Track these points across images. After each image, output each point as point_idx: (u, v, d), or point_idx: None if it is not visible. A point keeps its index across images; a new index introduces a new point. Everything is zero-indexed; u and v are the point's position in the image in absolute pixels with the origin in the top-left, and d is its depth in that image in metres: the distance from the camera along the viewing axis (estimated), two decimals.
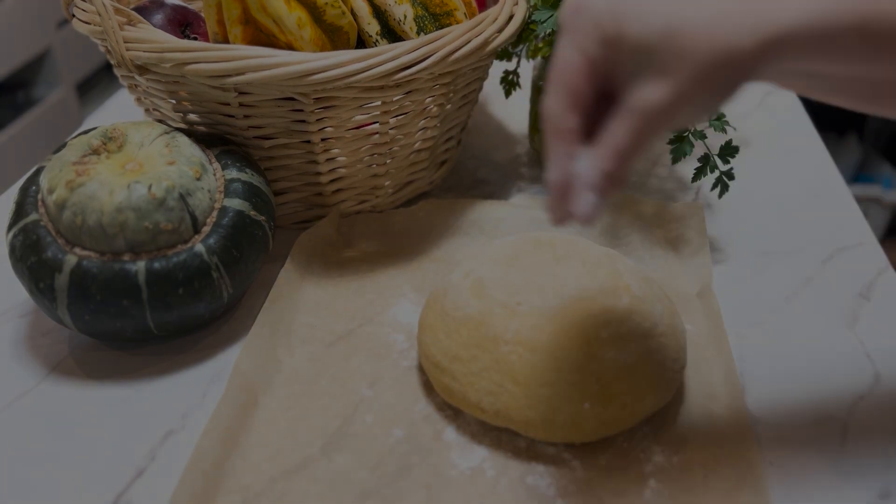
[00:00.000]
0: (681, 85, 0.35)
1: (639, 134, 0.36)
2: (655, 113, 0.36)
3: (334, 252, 0.67)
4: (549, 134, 0.38)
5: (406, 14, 0.63)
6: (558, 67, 0.38)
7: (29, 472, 0.49)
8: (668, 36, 0.35)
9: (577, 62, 0.37)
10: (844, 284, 0.63)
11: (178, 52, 0.56)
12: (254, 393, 0.53)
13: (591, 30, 0.37)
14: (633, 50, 0.36)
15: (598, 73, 0.37)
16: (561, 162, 0.37)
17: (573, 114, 0.37)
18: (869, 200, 1.87)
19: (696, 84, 0.35)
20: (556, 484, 0.47)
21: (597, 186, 0.37)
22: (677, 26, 0.35)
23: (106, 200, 0.52)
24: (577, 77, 0.37)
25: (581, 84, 0.37)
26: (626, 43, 0.36)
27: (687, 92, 0.35)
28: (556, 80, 0.38)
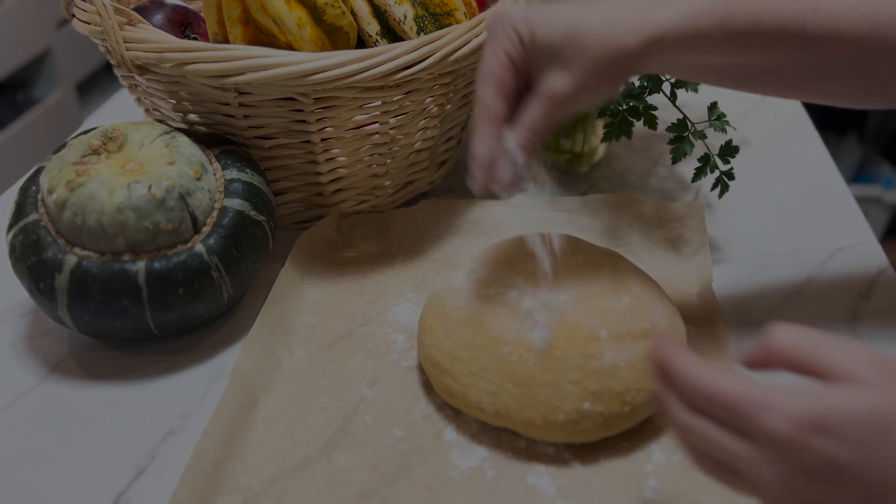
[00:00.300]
0: (580, 76, 0.45)
1: (547, 114, 0.46)
2: (560, 98, 0.45)
3: (334, 252, 0.67)
4: (481, 117, 0.46)
5: (406, 14, 0.63)
6: (486, 64, 0.46)
7: (29, 472, 0.49)
8: (570, 37, 0.44)
9: (502, 59, 0.46)
10: (844, 284, 0.63)
11: (178, 52, 0.56)
12: (254, 393, 0.53)
13: (510, 33, 0.46)
14: (543, 48, 0.45)
15: (517, 69, 0.46)
16: (489, 140, 0.46)
17: (500, 100, 0.46)
18: (869, 200, 1.87)
19: (592, 76, 0.45)
20: (556, 484, 0.47)
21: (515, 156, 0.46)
22: (576, 30, 0.44)
23: (106, 200, 0.52)
24: (501, 70, 0.46)
25: (506, 76, 0.46)
26: (537, 43, 0.45)
27: (585, 82, 0.45)
28: (486, 74, 0.46)
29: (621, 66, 0.45)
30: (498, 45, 0.46)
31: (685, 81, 0.65)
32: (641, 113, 0.67)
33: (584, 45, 0.44)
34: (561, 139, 0.77)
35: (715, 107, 0.65)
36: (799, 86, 0.51)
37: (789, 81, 0.50)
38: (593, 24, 0.44)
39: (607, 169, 0.80)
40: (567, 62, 0.44)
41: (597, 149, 0.79)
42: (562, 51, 0.44)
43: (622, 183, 0.78)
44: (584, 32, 0.44)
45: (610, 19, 0.44)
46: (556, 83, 0.45)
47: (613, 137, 0.68)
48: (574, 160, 0.78)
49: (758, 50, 0.47)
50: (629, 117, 0.67)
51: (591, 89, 0.45)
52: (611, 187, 0.77)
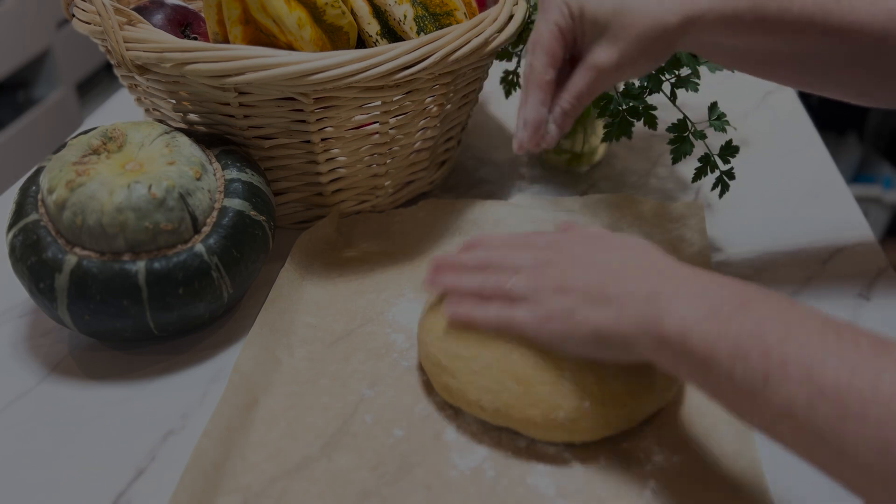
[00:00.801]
0: (624, 49, 0.49)
1: (592, 83, 0.50)
2: (605, 68, 0.49)
3: (334, 252, 0.67)
4: (531, 85, 0.50)
5: (406, 14, 0.63)
6: (539, 35, 0.50)
7: (29, 472, 0.49)
8: (616, 13, 0.48)
9: (553, 31, 0.50)
10: (844, 284, 0.63)
11: (178, 52, 0.56)
12: (254, 393, 0.53)
13: (562, 7, 0.49)
14: (591, 22, 0.49)
15: (567, 40, 0.50)
16: (538, 106, 0.50)
17: (550, 68, 0.50)
18: (869, 200, 1.87)
19: (636, 49, 0.49)
20: (557, 484, 0.47)
21: (557, 120, 0.51)
22: (623, 6, 0.48)
23: (106, 200, 0.52)
24: (552, 42, 0.50)
25: (556, 47, 0.50)
26: (586, 17, 0.49)
27: (629, 55, 0.49)
28: (538, 44, 0.50)
29: (663, 42, 0.49)
30: (550, 17, 0.49)
31: (685, 81, 0.65)
32: (641, 113, 0.67)
33: (630, 20, 0.48)
34: (561, 139, 0.77)
35: (715, 107, 0.65)
36: (817, 73, 0.55)
37: (810, 68, 0.54)
38: (638, 1, 0.48)
39: (607, 169, 0.80)
40: (613, 36, 0.48)
41: (597, 149, 0.79)
42: (608, 25, 0.48)
43: (622, 183, 0.78)
44: (629, 9, 0.48)
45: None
46: (602, 55, 0.49)
47: (613, 137, 0.68)
48: (574, 160, 0.78)
49: (785, 36, 0.50)
50: (629, 117, 0.67)
51: (634, 62, 0.49)
52: (611, 187, 0.77)
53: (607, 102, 0.66)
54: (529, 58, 0.50)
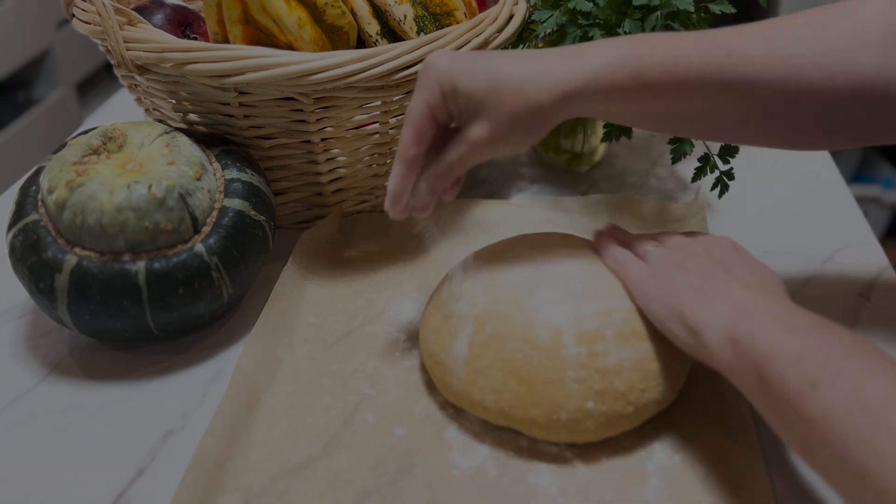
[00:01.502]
0: (497, 127, 0.48)
1: (465, 157, 0.49)
2: (478, 144, 0.48)
3: (336, 251, 0.67)
4: (397, 157, 0.50)
5: (406, 14, 0.63)
6: (410, 111, 0.49)
7: (29, 472, 0.49)
8: (489, 92, 0.47)
9: (422, 109, 0.49)
10: (844, 284, 0.63)
11: (178, 52, 0.56)
12: (255, 392, 0.53)
13: (433, 85, 0.48)
14: (465, 99, 0.48)
15: (438, 117, 0.49)
16: (399, 178, 0.50)
17: (417, 147, 0.49)
18: (869, 200, 1.87)
19: (509, 127, 0.48)
20: (558, 483, 0.47)
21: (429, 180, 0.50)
22: (497, 86, 0.47)
23: (106, 200, 0.52)
24: (421, 119, 0.49)
25: (424, 124, 0.49)
26: (459, 94, 0.48)
27: (502, 132, 0.48)
28: (408, 120, 0.49)
29: (538, 119, 0.48)
30: (421, 96, 0.49)
31: None
32: None
33: (503, 99, 0.47)
34: (561, 139, 0.77)
35: None
36: (722, 129, 0.53)
37: (712, 126, 0.53)
38: (512, 81, 0.47)
39: (607, 169, 0.80)
40: (487, 113, 0.47)
41: (597, 149, 0.79)
42: (483, 104, 0.47)
43: (622, 183, 0.78)
44: (503, 89, 0.47)
45: (528, 76, 0.47)
46: (475, 131, 0.48)
47: (613, 137, 0.68)
48: (574, 160, 0.78)
49: (675, 98, 0.49)
50: None
51: (508, 138, 0.48)
52: (611, 187, 0.77)
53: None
54: (402, 131, 0.50)
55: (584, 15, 0.65)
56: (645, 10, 0.63)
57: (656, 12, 0.62)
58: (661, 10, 0.62)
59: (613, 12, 0.63)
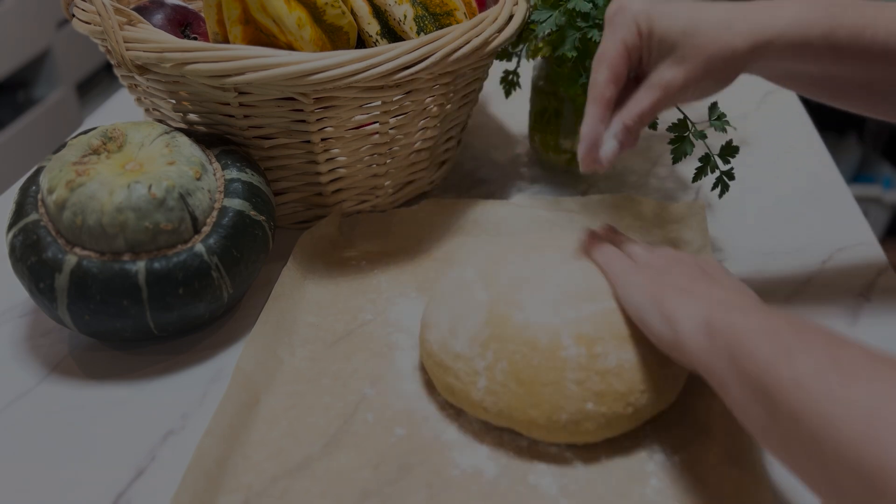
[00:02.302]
0: (691, 71, 0.48)
1: (656, 103, 0.49)
2: (671, 88, 0.48)
3: (336, 251, 0.67)
4: (591, 100, 0.50)
5: (406, 14, 0.63)
6: (605, 51, 0.49)
7: (29, 472, 0.49)
8: (686, 34, 0.48)
9: (619, 48, 0.49)
10: (844, 284, 0.63)
11: (178, 52, 0.56)
12: (256, 392, 0.53)
13: (630, 24, 0.49)
14: (660, 41, 0.48)
15: (632, 58, 0.49)
16: (595, 121, 0.50)
17: (612, 86, 0.49)
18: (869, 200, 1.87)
19: (703, 71, 0.48)
20: (558, 483, 0.47)
21: (618, 136, 0.50)
22: (693, 28, 0.48)
23: (106, 200, 0.52)
24: (618, 59, 0.49)
25: (620, 64, 0.49)
26: (655, 36, 0.48)
27: (695, 76, 0.48)
28: (602, 60, 0.49)
29: (730, 66, 0.48)
30: (618, 35, 0.49)
31: None
32: None
33: (699, 42, 0.47)
34: (561, 139, 0.77)
35: (715, 107, 0.65)
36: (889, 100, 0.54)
37: (881, 95, 0.53)
38: (709, 24, 0.48)
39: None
40: (681, 57, 0.48)
41: None
42: (677, 46, 0.48)
43: (622, 183, 0.78)
44: (699, 31, 0.48)
45: (724, 21, 0.48)
46: (668, 75, 0.49)
47: None
48: (574, 160, 0.78)
49: (856, 64, 0.49)
50: None
51: (699, 83, 0.49)
52: (611, 187, 0.77)
53: None
54: (593, 73, 0.50)
55: (583, 16, 0.65)
56: None
57: None
58: None
59: None
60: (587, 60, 0.66)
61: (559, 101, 0.75)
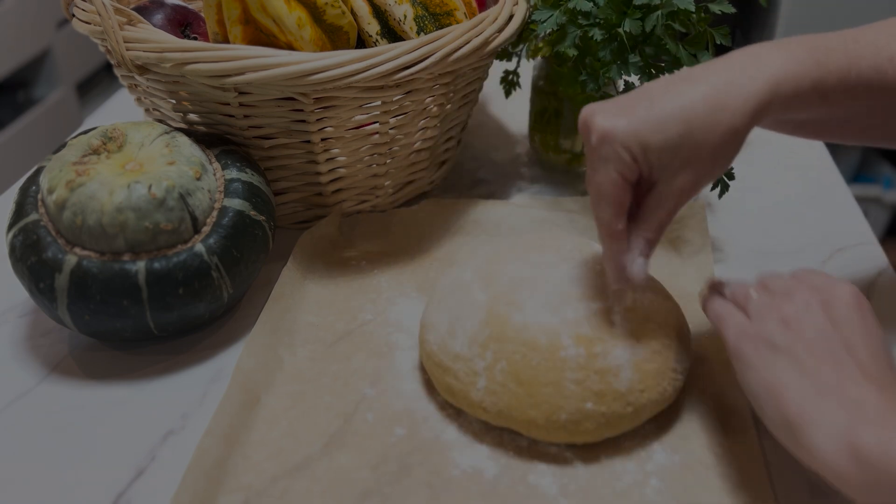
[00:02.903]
0: (701, 167, 0.46)
1: (674, 210, 0.48)
2: (686, 194, 0.47)
3: (336, 251, 0.67)
4: (606, 238, 0.48)
5: (406, 14, 0.63)
6: (601, 186, 0.47)
7: (29, 472, 0.49)
8: (684, 136, 0.45)
9: (615, 180, 0.46)
10: None
11: (178, 52, 0.56)
12: (255, 392, 0.53)
13: (621, 153, 0.46)
14: (659, 153, 0.45)
15: (630, 185, 0.47)
16: (616, 255, 0.48)
17: (620, 219, 0.47)
18: (869, 200, 1.87)
19: (713, 161, 0.46)
20: (558, 483, 0.47)
21: (644, 252, 0.48)
22: (688, 128, 0.45)
23: (106, 200, 0.52)
24: (617, 192, 0.47)
25: (621, 196, 0.47)
26: (651, 151, 0.45)
27: (707, 170, 0.46)
28: (602, 196, 0.47)
29: (735, 143, 0.46)
30: (612, 168, 0.46)
31: None
32: None
33: (699, 139, 0.45)
34: (561, 139, 0.77)
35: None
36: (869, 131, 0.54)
37: (862, 127, 0.54)
38: (700, 116, 0.45)
39: None
40: (686, 160, 0.46)
41: None
42: (678, 151, 0.45)
43: None
44: (695, 128, 0.45)
45: (713, 103, 0.45)
46: (679, 182, 0.46)
47: None
48: (574, 160, 0.78)
49: (842, 104, 0.48)
50: None
51: (712, 173, 0.47)
52: None
53: None
54: (596, 210, 0.48)
55: (584, 15, 0.65)
56: (645, 10, 0.63)
57: (656, 12, 0.62)
58: (661, 10, 0.63)
59: (613, 12, 0.63)
60: (587, 59, 0.66)
61: (559, 101, 0.75)
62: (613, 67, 0.64)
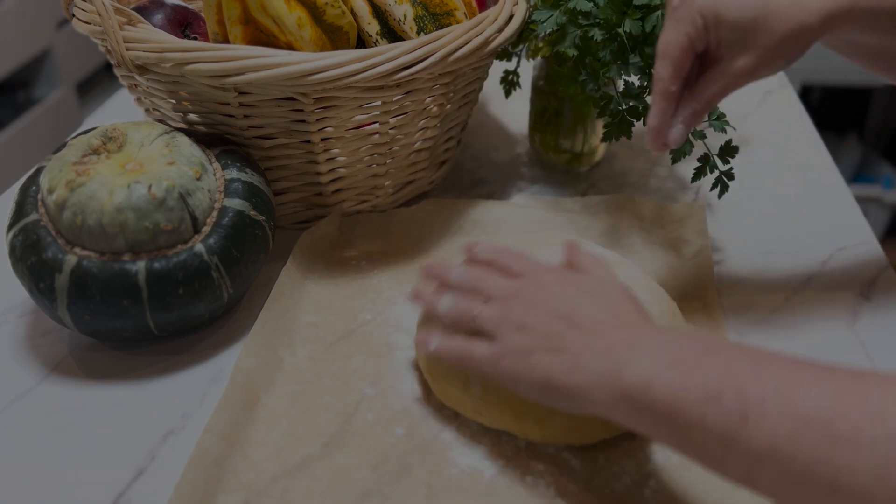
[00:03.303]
0: (765, 54, 0.48)
1: (726, 87, 0.50)
2: (743, 74, 0.49)
3: (336, 251, 0.67)
4: (656, 94, 0.50)
5: (406, 14, 0.63)
6: (668, 45, 0.49)
7: (29, 472, 0.49)
8: (758, 20, 0.47)
9: (683, 41, 0.48)
10: (844, 284, 0.63)
11: (178, 52, 0.56)
12: (255, 391, 0.53)
13: (695, 16, 0.48)
14: (729, 30, 0.48)
15: (696, 49, 0.49)
16: (662, 116, 0.50)
17: (677, 80, 0.49)
18: (869, 200, 1.87)
19: (774, 53, 0.48)
20: (556, 483, 0.47)
21: (686, 120, 0.50)
22: (764, 12, 0.47)
23: (106, 200, 0.52)
24: (682, 53, 0.49)
25: (684, 58, 0.49)
26: (723, 24, 0.48)
27: (768, 59, 0.48)
28: (666, 54, 0.49)
29: (802, 42, 0.48)
30: (682, 29, 0.48)
31: None
32: (641, 113, 0.67)
33: (771, 26, 0.47)
34: (561, 139, 0.77)
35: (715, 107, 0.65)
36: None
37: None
38: (780, 5, 0.47)
39: (607, 169, 0.80)
40: (753, 42, 0.48)
41: (597, 149, 0.79)
42: (749, 32, 0.48)
43: (622, 183, 0.78)
44: (771, 14, 0.47)
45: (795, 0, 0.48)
46: (741, 61, 0.48)
47: (613, 137, 0.67)
48: (574, 160, 0.78)
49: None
50: (629, 117, 0.66)
51: (771, 65, 0.49)
52: (611, 187, 0.77)
53: (607, 102, 0.66)
54: (657, 66, 0.50)
55: (584, 15, 0.65)
56: (645, 10, 0.63)
57: (656, 12, 0.62)
58: (661, 9, 0.62)
59: (613, 12, 0.63)
60: (587, 59, 0.66)
61: (559, 101, 0.75)
62: (613, 67, 0.64)
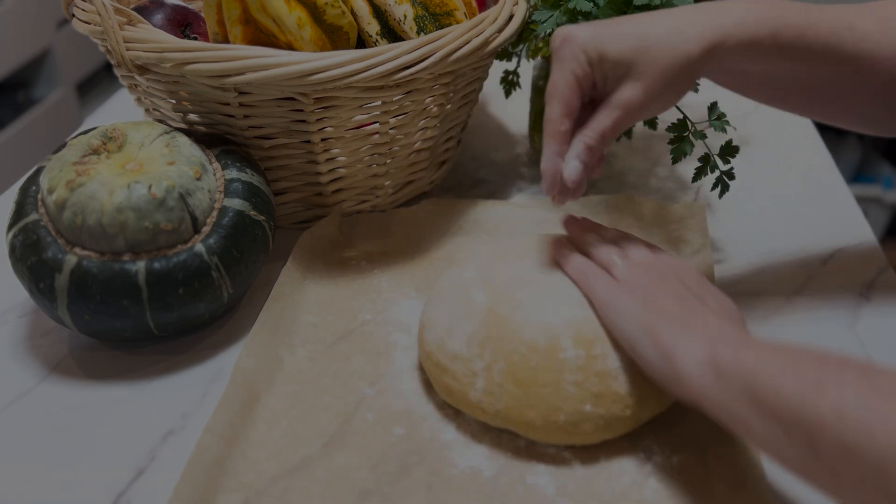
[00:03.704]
0: (650, 85, 0.48)
1: (617, 121, 0.50)
2: (631, 106, 0.49)
3: (336, 251, 0.67)
4: (547, 136, 0.50)
5: (406, 14, 0.63)
6: (555, 85, 0.50)
7: (29, 472, 0.49)
8: (639, 51, 0.48)
9: (569, 80, 0.49)
10: (844, 284, 0.63)
11: (178, 52, 0.56)
12: (255, 391, 0.53)
13: (578, 55, 0.49)
14: (614, 63, 0.49)
15: (583, 88, 0.50)
16: (554, 155, 0.50)
17: (567, 119, 0.50)
18: (869, 200, 1.87)
19: (661, 84, 0.48)
20: (556, 483, 0.47)
21: (580, 156, 0.50)
22: (645, 43, 0.48)
23: (106, 200, 0.52)
24: (568, 92, 0.49)
25: (571, 97, 0.49)
26: (606, 59, 0.49)
27: (654, 90, 0.49)
28: (554, 94, 0.50)
29: (687, 73, 0.49)
30: (567, 67, 0.49)
31: None
32: None
33: (653, 56, 0.48)
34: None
35: (715, 107, 0.65)
36: (831, 102, 0.55)
37: (825, 97, 0.55)
38: (659, 35, 0.48)
39: (607, 169, 0.80)
40: (637, 73, 0.48)
41: None
42: (632, 64, 0.48)
43: (622, 183, 0.78)
44: (651, 45, 0.48)
45: (674, 28, 0.48)
46: (627, 94, 0.49)
47: None
48: None
49: (801, 63, 0.50)
50: None
51: (660, 97, 0.49)
52: (611, 187, 0.77)
53: None
54: (546, 108, 0.50)
55: (584, 15, 0.65)
56: (645, 10, 0.63)
57: None
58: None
59: (613, 12, 0.63)
60: None
61: None
62: None
